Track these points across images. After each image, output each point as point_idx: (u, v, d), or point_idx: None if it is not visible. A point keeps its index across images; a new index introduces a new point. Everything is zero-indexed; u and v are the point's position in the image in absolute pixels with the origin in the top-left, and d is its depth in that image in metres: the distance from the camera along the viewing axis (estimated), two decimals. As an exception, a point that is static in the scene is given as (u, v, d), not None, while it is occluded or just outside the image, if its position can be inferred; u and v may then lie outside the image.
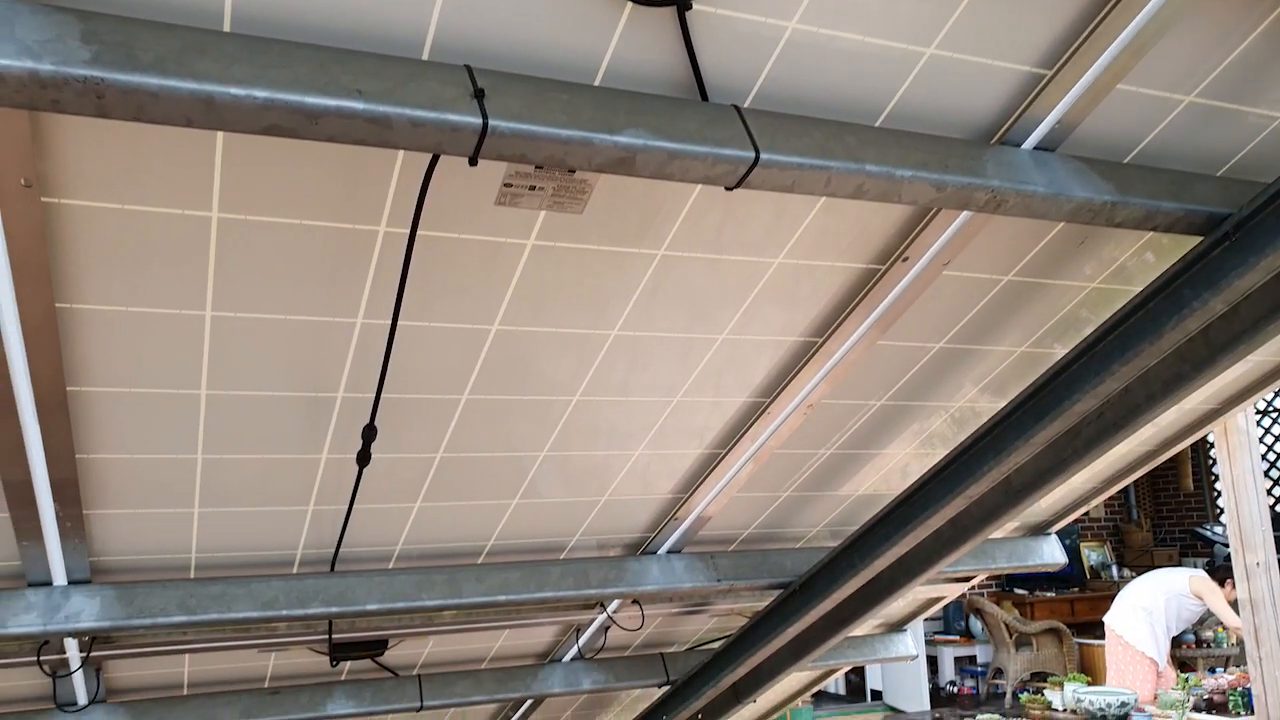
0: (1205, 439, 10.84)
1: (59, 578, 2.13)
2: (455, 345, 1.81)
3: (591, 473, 2.35)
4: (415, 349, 1.79)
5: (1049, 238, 1.94)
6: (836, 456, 2.58)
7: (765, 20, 1.32)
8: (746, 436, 2.33)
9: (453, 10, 1.21)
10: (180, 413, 1.78)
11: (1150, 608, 6.53)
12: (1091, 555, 11.51)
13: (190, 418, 1.80)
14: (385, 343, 1.71)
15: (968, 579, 3.51)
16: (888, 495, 2.81)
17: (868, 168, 1.39)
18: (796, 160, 1.34)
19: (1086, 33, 1.45)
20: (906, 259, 1.84)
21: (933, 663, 10.55)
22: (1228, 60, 1.58)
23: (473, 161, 1.19)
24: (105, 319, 1.54)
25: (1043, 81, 1.52)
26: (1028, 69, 1.51)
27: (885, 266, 1.88)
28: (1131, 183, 1.61)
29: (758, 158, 1.30)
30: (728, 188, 1.34)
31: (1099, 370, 1.80)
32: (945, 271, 1.90)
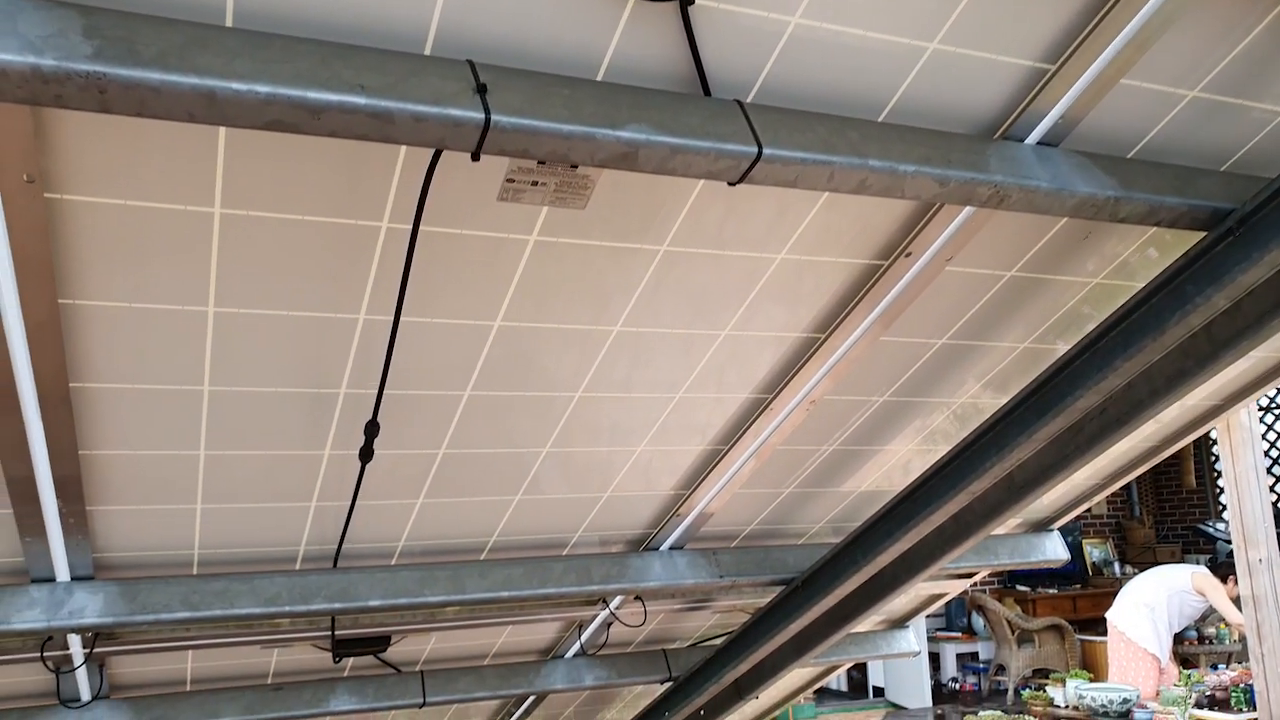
0: (1208, 435, 10.83)
1: (62, 574, 2.13)
2: (458, 341, 1.81)
3: (594, 469, 2.35)
4: (418, 345, 1.79)
5: (1052, 233, 1.94)
6: (839, 453, 2.58)
7: (768, 15, 1.32)
8: (749, 433, 2.33)
9: (455, 5, 1.21)
10: (183, 409, 1.79)
11: (1153, 604, 6.54)
12: (1094, 552, 11.51)
13: (193, 414, 1.80)
14: (388, 339, 1.71)
15: (970, 575, 3.51)
16: (890, 491, 2.80)
17: (871, 163, 1.38)
18: (799, 155, 1.33)
19: (1090, 27, 1.45)
20: (909, 254, 1.84)
21: (935, 659, 10.56)
22: (1232, 55, 1.58)
23: (475, 157, 1.19)
24: (108, 315, 1.54)
25: (1046, 76, 1.52)
26: (1031, 64, 1.50)
27: (888, 262, 1.88)
28: (1135, 178, 1.61)
29: (760, 153, 1.30)
30: (730, 183, 1.34)
31: (1102, 366, 1.79)
32: (948, 267, 1.90)
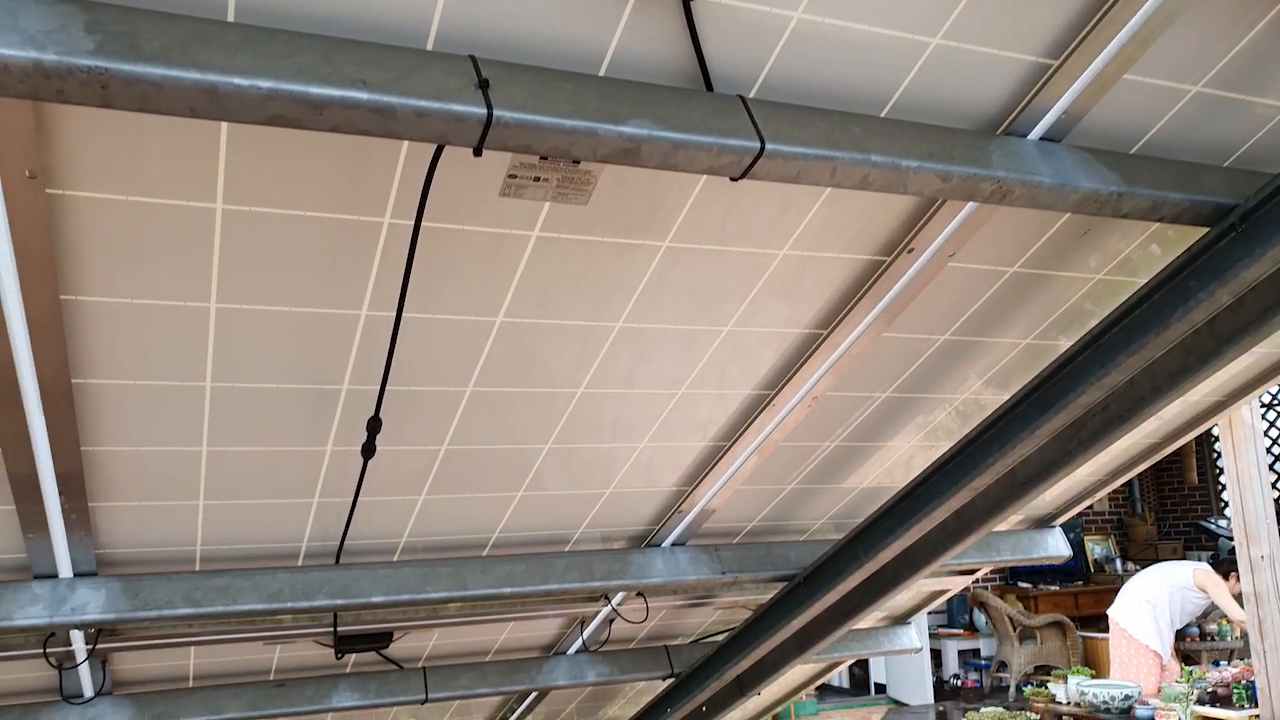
0: (1210, 432, 10.82)
1: (65, 570, 2.13)
2: (460, 337, 1.81)
3: (596, 465, 2.35)
4: (420, 341, 1.79)
5: (1054, 229, 1.93)
6: (841, 449, 2.58)
7: (770, 10, 1.32)
8: (751, 429, 2.33)
9: (457, 0, 1.21)
10: (185, 405, 1.79)
11: (1154, 601, 6.54)
12: (1095, 549, 11.50)
13: (195, 410, 1.80)
14: (390, 335, 1.71)
15: (972, 571, 3.51)
16: (892, 488, 2.80)
17: (873, 158, 1.38)
18: (802, 151, 1.33)
19: (1093, 22, 1.44)
20: (912, 250, 1.84)
21: (936, 656, 10.56)
22: (1235, 50, 1.57)
23: (477, 152, 1.19)
24: (110, 311, 1.55)
25: (1049, 71, 1.52)
26: (1034, 59, 1.50)
27: (890, 258, 1.88)
28: (1138, 173, 1.60)
29: (763, 148, 1.30)
30: (733, 178, 1.34)
31: (1104, 362, 1.79)
32: (950, 263, 1.90)
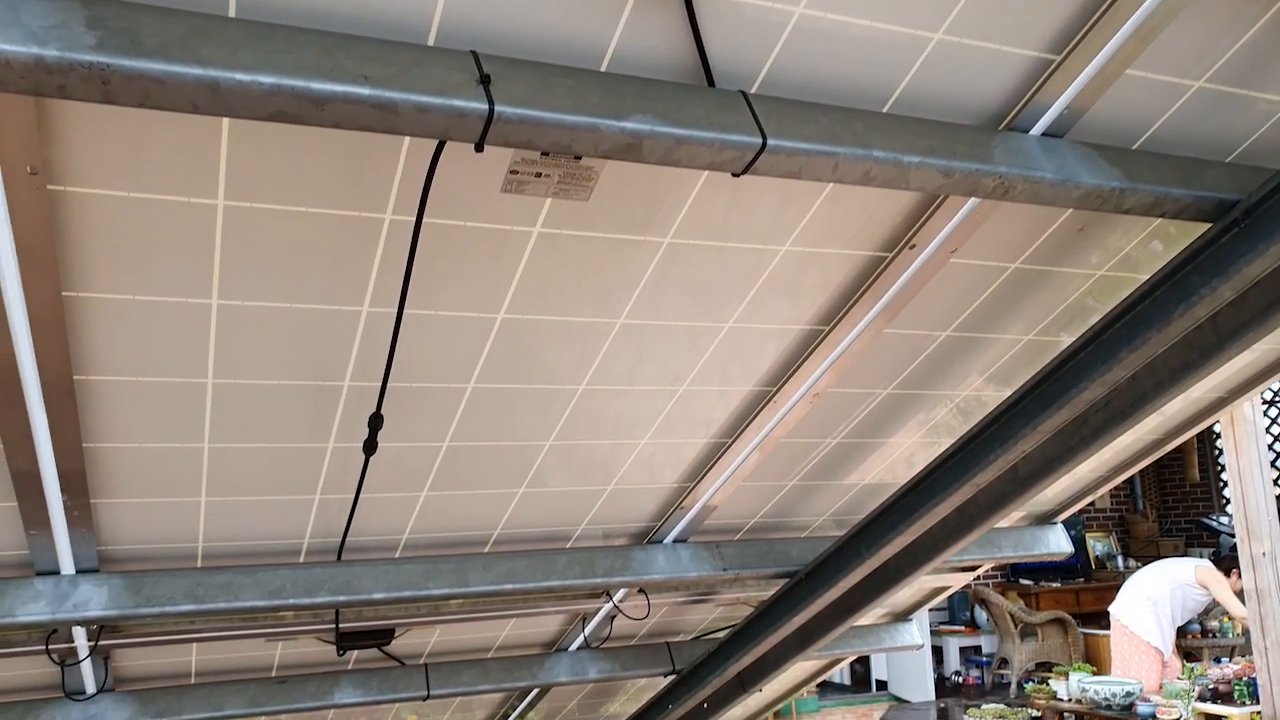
0: (1211, 429, 10.82)
1: (67, 567, 2.14)
2: (461, 334, 1.81)
3: (597, 462, 2.35)
4: (421, 338, 1.79)
5: (1056, 225, 1.93)
6: (842, 446, 2.58)
7: (772, 5, 1.32)
8: (752, 426, 2.33)
9: (458, -4, 1.21)
10: (187, 402, 1.79)
11: (1156, 598, 6.53)
12: (1097, 545, 11.50)
13: (197, 407, 1.80)
14: (391, 331, 1.71)
15: (974, 568, 3.51)
16: (893, 484, 2.80)
17: (875, 154, 1.38)
18: (803, 146, 1.33)
19: (1095, 17, 1.44)
20: (913, 246, 1.83)
21: (938, 653, 10.56)
22: (1238, 45, 1.57)
23: (479, 148, 1.19)
24: (112, 307, 1.55)
25: (1051, 67, 1.51)
26: (1036, 54, 1.50)
27: (892, 254, 1.88)
28: (1140, 169, 1.60)
29: (765, 143, 1.30)
30: (734, 174, 1.33)
31: (1106, 358, 1.79)
32: (952, 259, 1.89)
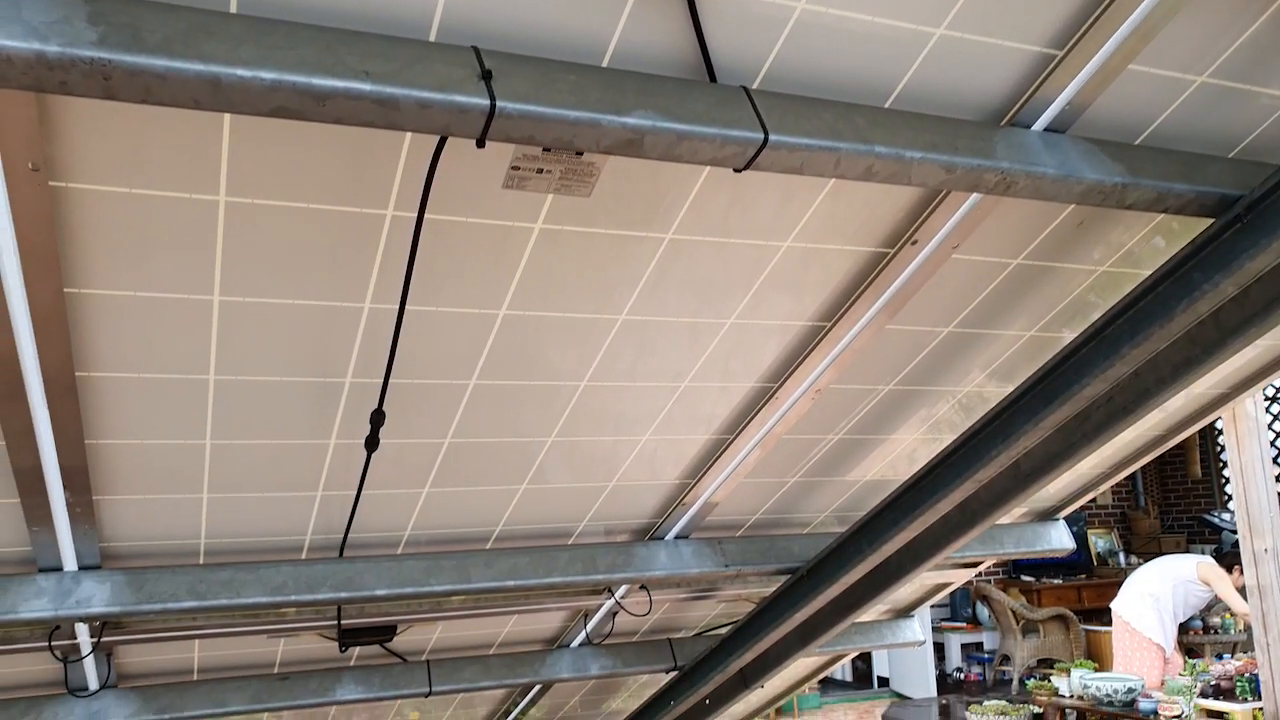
0: (1213, 425, 10.81)
1: (69, 563, 2.14)
2: (463, 330, 1.81)
3: (599, 458, 2.35)
4: (423, 334, 1.79)
5: (1058, 221, 1.93)
6: (844, 442, 2.58)
7: (774, 1, 1.31)
8: (754, 422, 2.33)
9: (460, -9, 1.21)
10: (189, 398, 1.79)
11: (1158, 594, 6.53)
12: (1099, 542, 11.50)
13: (199, 403, 1.81)
14: (393, 327, 1.71)
15: (975, 564, 3.51)
16: (895, 481, 2.80)
17: (877, 149, 1.38)
18: (805, 142, 1.33)
19: (1098, 13, 1.44)
20: (915, 242, 1.83)
21: (940, 650, 10.57)
22: (1240, 40, 1.56)
23: (480, 143, 1.19)
24: (113, 304, 1.55)
25: (1053, 62, 1.51)
26: (1038, 49, 1.49)
27: (894, 250, 1.88)
28: (1142, 164, 1.60)
29: (766, 139, 1.30)
30: (736, 169, 1.33)
31: (1109, 354, 1.79)
32: (954, 255, 1.89)
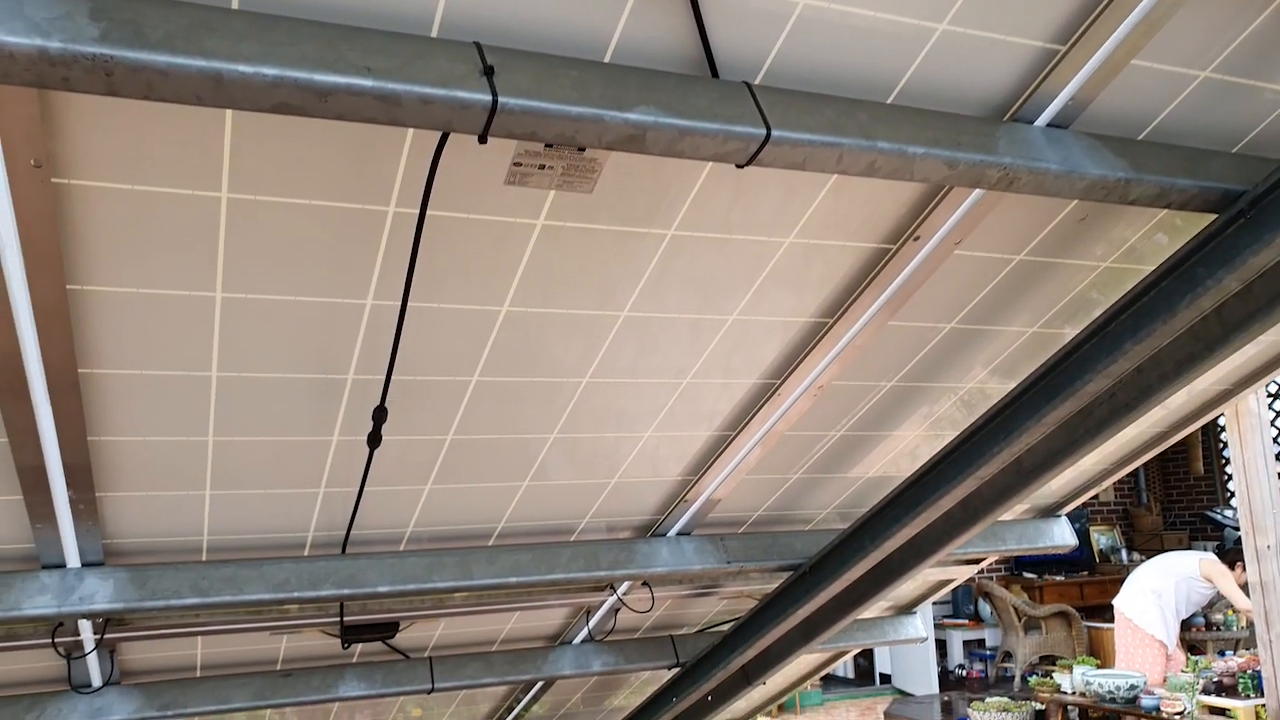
0: (1216, 422, 10.80)
1: (72, 560, 2.14)
2: (465, 327, 1.81)
3: (601, 455, 2.35)
4: (425, 331, 1.79)
5: (1061, 216, 1.93)
6: (846, 438, 2.57)
7: (776, -4, 1.31)
8: (756, 418, 2.32)
9: (461, -13, 1.21)
10: (191, 395, 1.79)
11: (1160, 591, 6.53)
12: (1101, 539, 11.49)
13: (201, 400, 1.81)
14: (395, 324, 1.71)
15: (978, 561, 3.51)
16: (897, 477, 2.80)
17: (879, 145, 1.38)
18: (808, 137, 1.33)
19: (1101, 7, 1.43)
20: (918, 238, 1.83)
21: (941, 646, 10.57)
22: (1243, 35, 1.56)
23: (482, 139, 1.19)
24: (116, 301, 1.55)
25: (1056, 57, 1.51)
26: (1041, 45, 1.49)
27: (896, 246, 1.87)
28: (1145, 160, 1.60)
29: (769, 135, 1.29)
30: (739, 165, 1.33)
31: (1111, 350, 1.79)
32: (956, 251, 1.89)
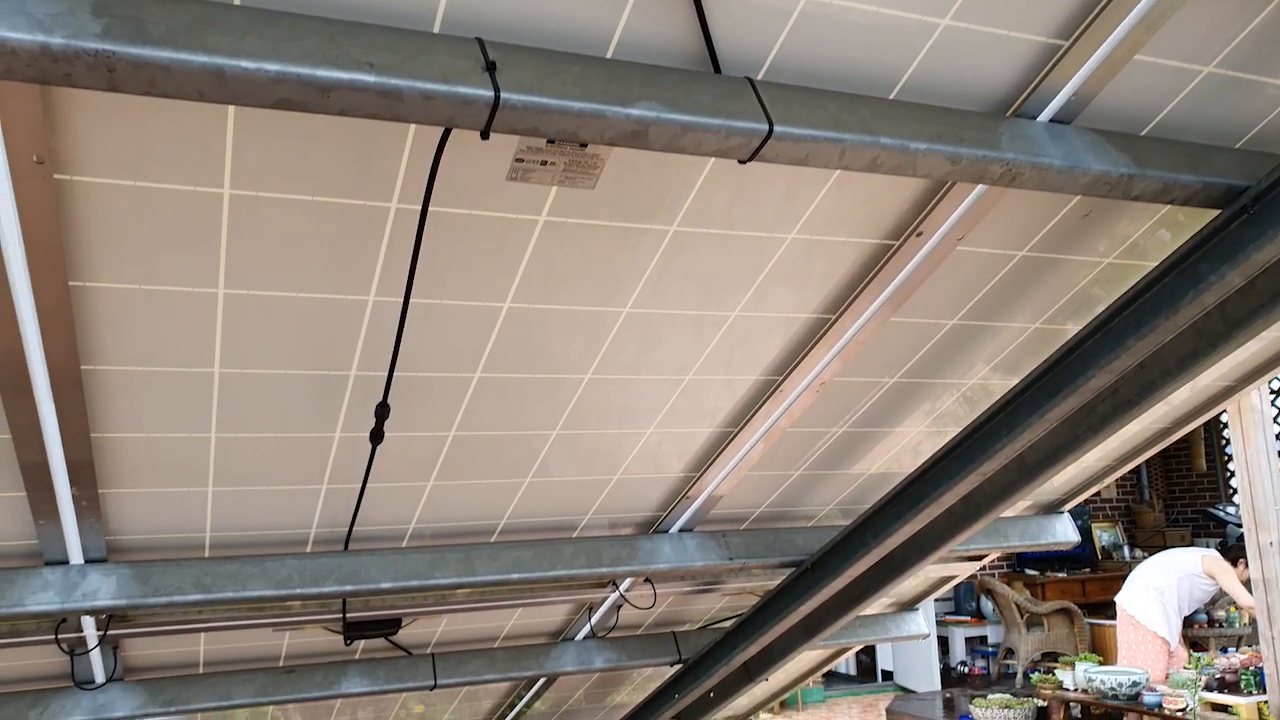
0: (1218, 418, 10.79)
1: (76, 556, 2.15)
2: (467, 323, 1.81)
3: (603, 452, 2.35)
4: (427, 327, 1.79)
5: (1064, 212, 1.92)
6: (848, 435, 2.57)
7: (778, -9, 1.31)
8: (758, 415, 2.32)
9: (463, -18, 1.21)
10: (194, 391, 1.79)
11: (1162, 587, 6.52)
12: (1103, 536, 11.48)
13: (204, 396, 1.81)
14: (397, 320, 1.71)
15: (980, 557, 3.51)
16: (899, 474, 2.80)
17: (882, 140, 1.38)
18: (810, 133, 1.33)
19: (1103, 3, 1.43)
20: (920, 234, 1.83)
21: (944, 643, 10.57)
22: (1247, 30, 1.56)
23: (484, 135, 1.18)
24: (118, 297, 1.55)
25: (1059, 52, 1.51)
26: (1044, 40, 1.49)
27: (899, 242, 1.87)
28: (1148, 155, 1.59)
29: (771, 130, 1.29)
30: (741, 160, 1.33)
31: (1114, 346, 1.78)
32: (959, 247, 1.89)
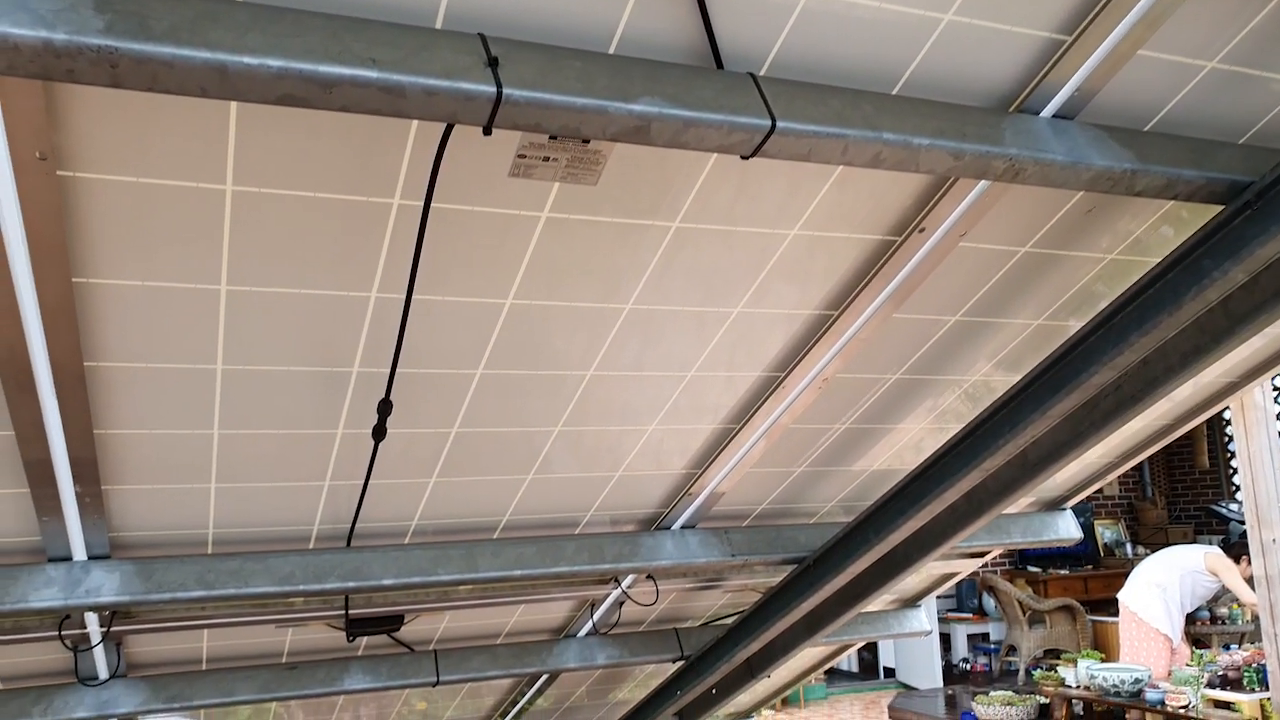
0: (1221, 415, 10.77)
1: (79, 553, 2.15)
2: (469, 319, 1.81)
3: (605, 448, 2.35)
4: (429, 323, 1.78)
5: (1066, 208, 1.92)
6: (851, 431, 2.57)
7: (781, -14, 1.31)
8: (760, 412, 2.32)
9: (465, -22, 1.20)
10: (196, 388, 1.79)
11: (1165, 584, 6.52)
12: (1106, 533, 11.48)
13: (206, 393, 1.81)
14: (400, 317, 1.71)
15: (982, 554, 3.50)
16: (902, 470, 2.80)
17: (885, 136, 1.37)
18: (813, 128, 1.32)
19: (1107, -3, 1.43)
20: (923, 230, 1.83)
21: (946, 640, 10.57)
22: (1251, 25, 1.55)
23: (487, 131, 1.18)
24: (121, 294, 1.55)
25: (1062, 48, 1.50)
26: (1047, 35, 1.49)
27: (901, 238, 1.87)
28: (1151, 151, 1.59)
29: (774, 126, 1.29)
30: (743, 156, 1.33)
31: (1117, 342, 1.78)
32: (961, 243, 1.89)
